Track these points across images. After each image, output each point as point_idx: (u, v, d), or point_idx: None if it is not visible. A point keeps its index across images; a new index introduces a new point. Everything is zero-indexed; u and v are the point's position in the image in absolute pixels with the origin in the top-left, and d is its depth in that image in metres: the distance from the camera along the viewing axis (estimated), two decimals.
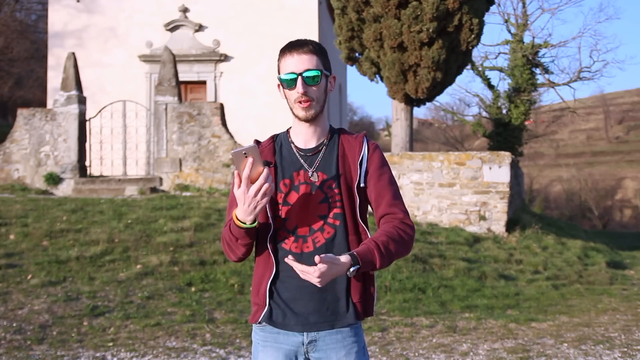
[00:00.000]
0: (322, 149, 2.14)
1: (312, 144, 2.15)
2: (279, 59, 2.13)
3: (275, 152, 2.16)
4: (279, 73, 2.13)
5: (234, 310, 6.60)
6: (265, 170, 1.93)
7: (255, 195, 1.92)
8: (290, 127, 2.20)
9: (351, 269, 1.92)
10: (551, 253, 10.77)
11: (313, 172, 2.10)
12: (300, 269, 1.88)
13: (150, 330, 5.87)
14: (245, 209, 1.95)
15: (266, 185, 1.92)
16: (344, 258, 1.91)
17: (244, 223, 1.99)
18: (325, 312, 2.08)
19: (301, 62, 2.06)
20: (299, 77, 2.05)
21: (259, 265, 2.14)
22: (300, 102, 2.07)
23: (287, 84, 2.07)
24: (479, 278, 8.65)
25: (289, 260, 1.91)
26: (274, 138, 2.21)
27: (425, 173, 11.21)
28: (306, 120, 2.11)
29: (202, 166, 12.03)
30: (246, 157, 1.91)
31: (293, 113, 2.12)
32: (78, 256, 7.60)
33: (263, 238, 2.10)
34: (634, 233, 26.17)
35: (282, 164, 2.13)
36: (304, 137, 2.15)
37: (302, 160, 2.12)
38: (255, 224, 2.01)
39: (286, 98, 2.12)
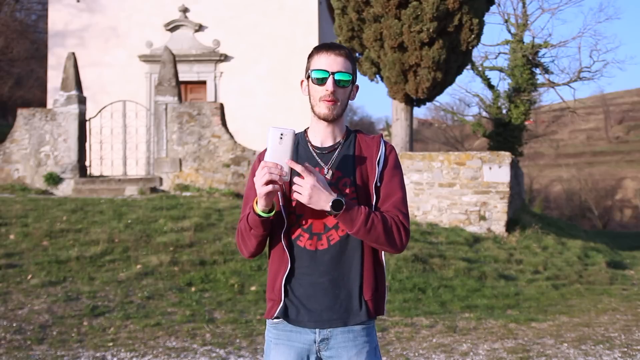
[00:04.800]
0: (338, 147, 2.17)
1: (328, 142, 2.18)
2: (311, 56, 2.16)
3: (295, 150, 2.17)
4: (307, 70, 2.16)
5: (234, 310, 6.60)
6: (287, 161, 1.96)
7: (264, 171, 1.95)
8: (308, 128, 2.23)
9: (332, 201, 1.98)
10: (551, 253, 10.77)
11: (328, 169, 2.13)
12: (300, 170, 1.97)
13: (150, 330, 5.87)
14: (257, 185, 1.98)
15: (274, 172, 1.94)
16: (333, 194, 1.99)
17: (262, 211, 2.02)
18: (339, 309, 2.10)
19: (336, 63, 2.10)
20: (331, 76, 2.08)
21: (273, 261, 2.17)
22: (326, 101, 2.10)
23: (318, 80, 2.10)
24: (479, 278, 8.65)
25: (290, 162, 1.97)
26: None
27: (425, 173, 11.21)
28: (326, 120, 2.13)
29: (202, 166, 12.03)
30: (281, 138, 1.96)
31: (313, 111, 2.15)
32: (78, 256, 7.60)
33: (278, 234, 2.12)
34: (634, 233, 26.17)
35: (297, 161, 2.14)
36: (322, 137, 2.18)
37: (317, 158, 2.15)
38: (271, 214, 2.04)
39: (309, 95, 2.15)
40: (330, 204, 1.98)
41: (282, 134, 1.97)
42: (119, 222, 8.87)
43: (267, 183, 1.95)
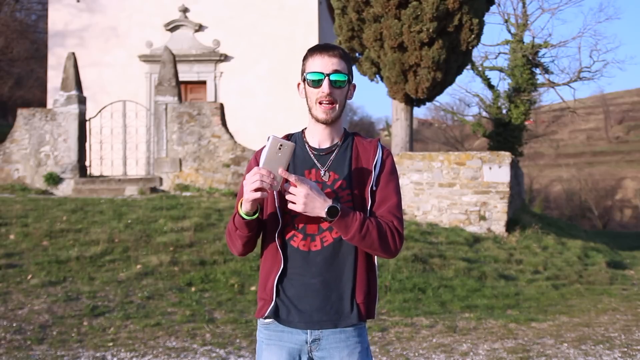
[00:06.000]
0: (335, 149, 2.16)
1: (326, 144, 2.18)
2: (305, 58, 2.15)
3: (289, 164, 2.18)
4: (303, 72, 2.15)
5: (234, 310, 6.60)
6: (280, 171, 1.97)
7: (254, 176, 1.95)
8: (306, 128, 2.23)
9: (327, 208, 1.97)
10: (551, 253, 10.77)
11: (325, 171, 2.13)
12: (293, 180, 1.97)
13: (150, 330, 5.87)
14: (246, 189, 1.98)
15: (265, 180, 1.94)
16: (328, 200, 1.99)
17: (246, 214, 2.03)
18: (330, 310, 2.10)
19: (330, 64, 2.09)
20: (326, 78, 2.08)
21: (266, 260, 2.16)
22: (321, 103, 2.10)
23: (313, 82, 2.09)
24: (479, 278, 8.65)
25: (283, 171, 1.97)
26: (289, 137, 2.23)
27: (425, 173, 11.21)
28: (324, 123, 2.13)
29: (202, 166, 12.03)
30: (279, 148, 1.96)
31: (311, 114, 2.15)
32: (78, 256, 7.60)
33: (271, 233, 2.12)
34: (634, 233, 26.16)
35: (294, 162, 2.15)
36: (319, 138, 2.17)
37: (314, 160, 2.15)
38: (255, 216, 2.04)
39: (306, 97, 2.14)
40: (326, 210, 1.98)
41: (281, 145, 1.96)
42: (119, 222, 8.87)
43: (257, 190, 1.96)
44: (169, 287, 7.07)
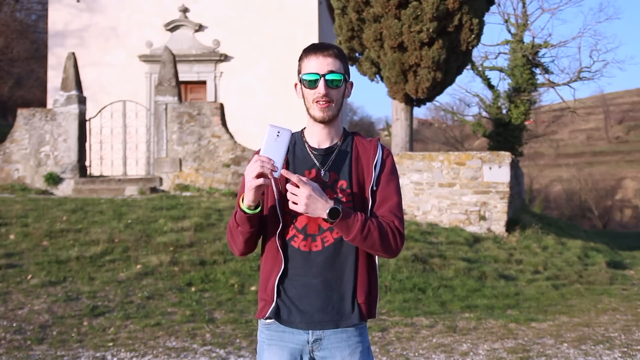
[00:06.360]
0: (335, 149, 2.16)
1: (325, 144, 2.17)
2: (301, 59, 2.15)
3: (288, 149, 2.17)
4: (299, 73, 2.15)
5: (234, 310, 6.60)
6: (283, 172, 1.98)
7: (255, 164, 1.95)
8: (305, 128, 2.22)
9: (328, 209, 1.97)
10: (551, 253, 10.77)
11: (325, 171, 2.13)
12: (295, 180, 1.97)
13: (150, 330, 5.87)
14: (248, 178, 1.98)
15: (266, 166, 1.94)
16: (330, 202, 1.99)
17: (248, 208, 2.02)
18: (331, 310, 2.10)
19: (325, 64, 2.09)
20: (322, 78, 2.08)
21: (267, 260, 2.16)
22: (318, 103, 2.09)
23: (309, 83, 2.09)
24: (479, 278, 8.65)
25: (285, 171, 1.98)
26: None
27: (425, 173, 11.21)
28: (322, 122, 2.13)
29: (202, 166, 12.03)
30: (277, 136, 1.99)
31: (309, 114, 2.14)
32: (78, 256, 7.60)
33: (272, 234, 2.12)
34: (634, 233, 26.15)
35: (294, 162, 2.15)
36: (318, 138, 2.17)
37: (314, 160, 2.15)
38: (257, 210, 2.04)
39: (303, 98, 2.14)
40: (327, 212, 1.98)
41: (278, 132, 1.98)
42: (119, 222, 8.87)
43: (259, 176, 1.95)
44: (169, 287, 7.08)
